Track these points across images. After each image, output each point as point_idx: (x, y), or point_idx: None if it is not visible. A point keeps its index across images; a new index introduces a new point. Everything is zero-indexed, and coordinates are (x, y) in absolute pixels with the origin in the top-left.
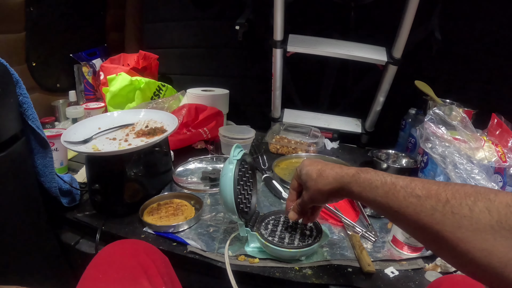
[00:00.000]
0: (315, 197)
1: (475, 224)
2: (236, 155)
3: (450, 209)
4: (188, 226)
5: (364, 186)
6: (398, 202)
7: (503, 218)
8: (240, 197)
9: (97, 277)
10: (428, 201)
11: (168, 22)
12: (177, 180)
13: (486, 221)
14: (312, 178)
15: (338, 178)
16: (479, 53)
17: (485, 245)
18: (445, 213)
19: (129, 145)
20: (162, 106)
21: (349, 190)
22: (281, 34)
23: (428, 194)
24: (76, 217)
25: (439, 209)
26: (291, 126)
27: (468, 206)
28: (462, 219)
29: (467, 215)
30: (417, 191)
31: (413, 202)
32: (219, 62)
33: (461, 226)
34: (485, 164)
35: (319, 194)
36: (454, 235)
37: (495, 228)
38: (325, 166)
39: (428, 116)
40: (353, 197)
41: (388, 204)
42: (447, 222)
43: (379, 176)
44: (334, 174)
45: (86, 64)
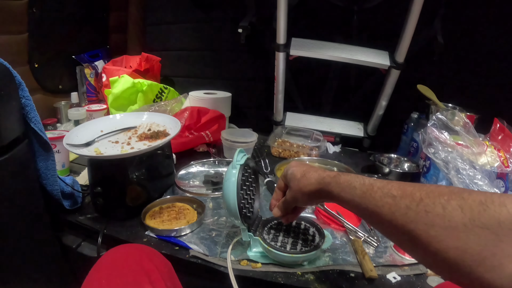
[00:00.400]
0: (297, 197)
1: (447, 222)
2: (240, 160)
3: (424, 208)
4: (190, 230)
5: (343, 187)
6: (375, 202)
7: (476, 215)
8: (243, 201)
9: (100, 282)
10: (403, 200)
11: (170, 25)
12: (179, 184)
13: (459, 219)
14: (296, 178)
15: (320, 180)
16: (482, 58)
17: (458, 243)
18: (418, 212)
19: (131, 148)
20: (164, 108)
21: (329, 191)
22: (284, 37)
23: (403, 194)
24: (78, 220)
25: (413, 208)
26: (293, 129)
27: (441, 204)
28: (435, 217)
29: (440, 213)
30: (393, 191)
31: (388, 202)
32: (222, 65)
33: (434, 225)
34: (488, 170)
35: (300, 194)
36: (427, 233)
37: (468, 226)
38: (310, 169)
39: (431, 121)
40: (333, 199)
41: (365, 204)
42: (420, 221)
43: (358, 178)
44: (317, 176)
45: (89, 66)
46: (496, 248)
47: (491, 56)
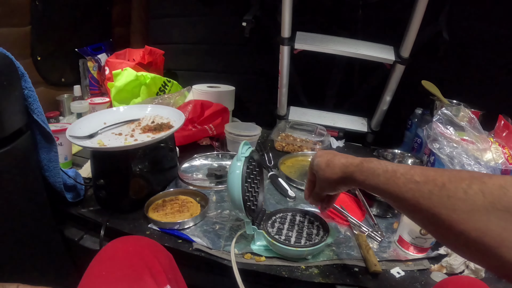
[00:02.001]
0: (324, 185)
1: (469, 206)
2: (244, 152)
3: (446, 193)
4: (193, 223)
5: (367, 174)
6: (398, 188)
7: (497, 199)
8: (248, 194)
9: (100, 274)
10: (425, 186)
11: (174, 18)
12: (182, 177)
13: (480, 203)
14: (321, 168)
15: (344, 168)
16: (487, 54)
17: (479, 225)
18: (441, 197)
19: (135, 140)
20: (167, 102)
21: (354, 179)
22: (288, 31)
23: (426, 180)
24: (81, 212)
25: (436, 193)
26: (297, 124)
27: (463, 189)
28: (457, 201)
29: (462, 197)
30: (416, 177)
31: (412, 187)
32: (226, 58)
33: (456, 209)
34: (493, 166)
35: (327, 183)
36: (450, 217)
37: (489, 209)
38: (334, 157)
39: (436, 116)
40: (358, 185)
41: (389, 190)
42: (443, 205)
43: (381, 165)
44: (340, 164)
45: (91, 59)
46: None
47: (496, 52)
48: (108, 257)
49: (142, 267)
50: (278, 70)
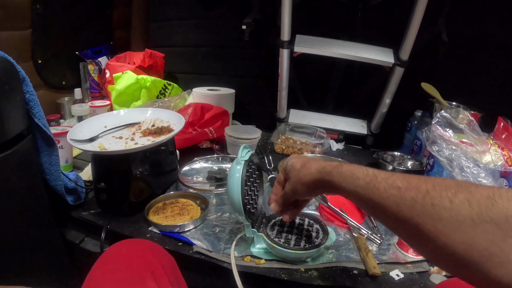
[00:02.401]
0: (296, 188)
1: (455, 216)
2: (244, 156)
3: (430, 201)
4: (193, 226)
5: (345, 176)
6: (379, 193)
7: (484, 210)
8: (247, 197)
9: (103, 277)
10: (408, 192)
11: (174, 21)
12: (182, 180)
13: (466, 213)
14: (295, 169)
15: (320, 169)
16: (486, 56)
17: (465, 237)
18: (425, 205)
19: (135, 144)
20: (168, 105)
21: (330, 181)
22: (288, 34)
23: (409, 186)
24: (81, 215)
25: (419, 201)
26: (297, 126)
27: (448, 198)
28: (442, 210)
29: (447, 206)
30: (398, 182)
31: (393, 193)
32: (226, 61)
33: (441, 218)
34: (492, 168)
35: (300, 184)
36: (434, 227)
37: (476, 221)
38: (310, 159)
39: (435, 119)
40: (334, 189)
41: (368, 195)
42: (427, 214)
43: (361, 168)
44: (317, 165)
45: (92, 62)
46: (504, 243)
47: (496, 54)
48: (110, 260)
49: (145, 269)
50: (278, 73)
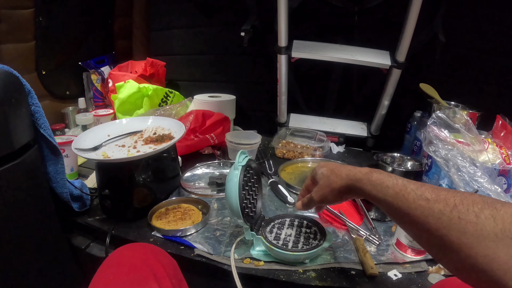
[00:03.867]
0: (325, 193)
1: (479, 230)
2: (241, 161)
3: (457, 214)
4: (195, 230)
5: (375, 184)
6: (408, 203)
7: (507, 226)
8: (245, 202)
9: (107, 279)
10: (436, 204)
11: (174, 30)
12: (184, 185)
13: (491, 228)
14: (325, 175)
15: (351, 175)
16: (484, 55)
17: (487, 251)
18: (452, 218)
19: (138, 152)
20: (169, 112)
21: (360, 188)
22: (285, 40)
23: (437, 198)
24: (87, 221)
25: (447, 214)
26: (297, 130)
27: (474, 212)
28: (467, 224)
29: (472, 221)
30: (427, 194)
31: (422, 204)
32: (226, 68)
33: (466, 232)
34: (489, 167)
35: (329, 190)
36: (459, 239)
37: (499, 236)
38: (340, 166)
39: (431, 119)
40: (363, 195)
41: (397, 205)
42: (453, 227)
43: (391, 177)
44: (347, 171)
45: (95, 72)
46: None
47: (493, 53)
48: (114, 263)
49: (147, 272)
50: (277, 78)
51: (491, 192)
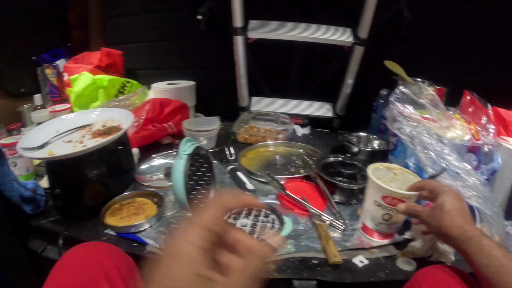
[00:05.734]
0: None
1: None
2: (186, 150)
3: None
4: (149, 225)
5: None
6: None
7: None
8: (194, 192)
9: (57, 282)
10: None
11: (131, 16)
12: (141, 178)
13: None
14: (443, 209)
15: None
16: (450, 31)
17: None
18: None
19: (83, 146)
20: (124, 103)
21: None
22: (241, 20)
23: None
24: (41, 223)
25: None
26: (260, 114)
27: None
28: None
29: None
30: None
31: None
32: (185, 54)
33: None
34: (458, 143)
35: (436, 228)
36: None
37: None
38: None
39: (394, 95)
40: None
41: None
42: None
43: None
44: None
45: (50, 66)
46: None
47: (459, 28)
48: (65, 265)
49: (98, 272)
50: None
51: (459, 170)
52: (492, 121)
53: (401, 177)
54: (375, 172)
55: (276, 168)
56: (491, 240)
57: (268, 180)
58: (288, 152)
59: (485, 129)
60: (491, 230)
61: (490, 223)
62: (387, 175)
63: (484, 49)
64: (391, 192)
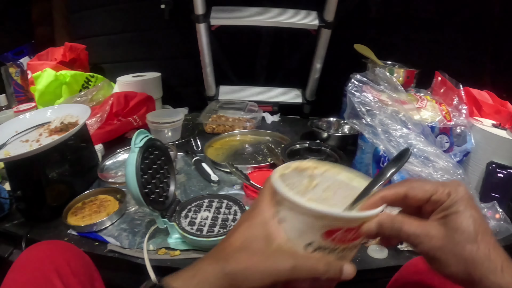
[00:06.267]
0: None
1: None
2: (139, 143)
3: None
4: (110, 222)
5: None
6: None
7: None
8: (149, 186)
9: (14, 280)
10: None
11: (94, 9)
12: (104, 175)
13: None
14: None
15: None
16: (421, 12)
17: None
18: None
19: (39, 145)
20: (86, 98)
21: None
22: (202, 7)
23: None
24: (5, 227)
25: None
26: (227, 103)
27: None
28: None
29: None
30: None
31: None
32: (150, 45)
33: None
34: (428, 125)
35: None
36: None
37: None
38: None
39: (350, 85)
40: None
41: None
42: None
43: None
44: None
45: (13, 65)
46: None
47: (431, 9)
48: (20, 264)
49: (50, 270)
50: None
51: (429, 154)
52: (464, 101)
53: (322, 180)
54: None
55: (243, 158)
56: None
57: (232, 170)
58: (256, 140)
59: (457, 109)
60: None
61: None
62: (301, 183)
63: (455, 29)
64: (344, 220)
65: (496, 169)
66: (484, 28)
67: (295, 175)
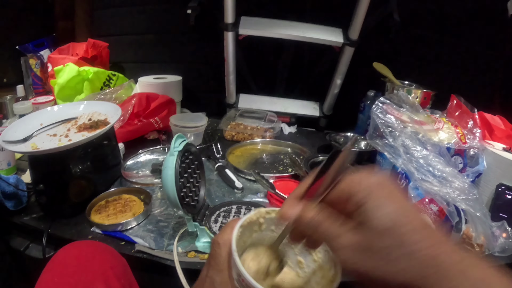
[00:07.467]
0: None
1: None
2: (177, 146)
3: None
4: (136, 223)
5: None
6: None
7: None
8: (185, 190)
9: (52, 281)
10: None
11: (118, 8)
12: (127, 174)
13: None
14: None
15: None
16: (438, 35)
17: None
18: None
19: (69, 140)
20: (110, 96)
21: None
22: (232, 16)
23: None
24: (23, 220)
25: None
26: (247, 111)
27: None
28: None
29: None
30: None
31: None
32: (173, 48)
33: None
34: (444, 146)
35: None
36: None
37: None
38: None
39: (374, 106)
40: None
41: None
42: None
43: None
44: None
45: (33, 56)
46: None
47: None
48: (59, 264)
49: (94, 273)
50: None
51: (447, 174)
52: (478, 125)
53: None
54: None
55: (264, 167)
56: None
57: (257, 178)
58: (276, 150)
59: (471, 132)
60: (477, 231)
61: (477, 225)
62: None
63: (471, 54)
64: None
65: (505, 191)
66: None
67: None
